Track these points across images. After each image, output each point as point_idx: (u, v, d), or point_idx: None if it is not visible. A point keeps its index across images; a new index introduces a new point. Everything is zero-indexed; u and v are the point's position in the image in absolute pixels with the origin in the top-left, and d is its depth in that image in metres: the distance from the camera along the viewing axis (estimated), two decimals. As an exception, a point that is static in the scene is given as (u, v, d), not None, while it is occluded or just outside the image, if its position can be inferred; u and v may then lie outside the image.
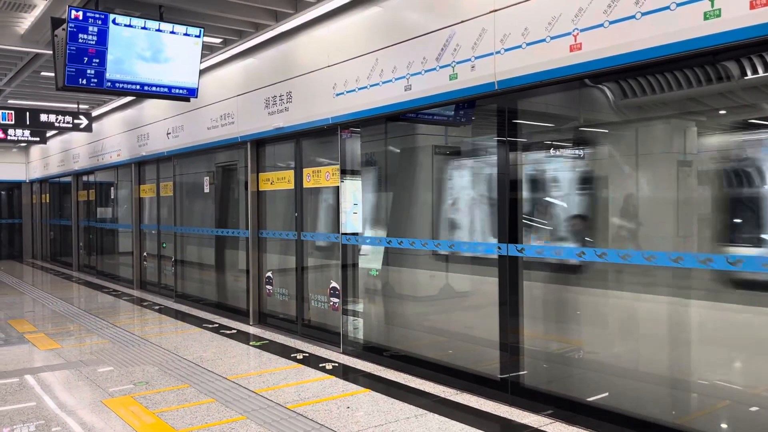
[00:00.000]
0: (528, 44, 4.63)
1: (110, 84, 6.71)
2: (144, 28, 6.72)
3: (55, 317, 9.51)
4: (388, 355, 6.29)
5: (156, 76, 7.03)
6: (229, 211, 9.68)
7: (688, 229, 4.34)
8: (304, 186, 7.66)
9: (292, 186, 7.86)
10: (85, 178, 16.05)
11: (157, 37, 6.84)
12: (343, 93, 6.57)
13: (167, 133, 10.81)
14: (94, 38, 6.42)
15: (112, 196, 14.34)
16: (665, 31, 3.81)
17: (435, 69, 5.44)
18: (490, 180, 5.49)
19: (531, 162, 5.18)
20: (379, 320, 6.77)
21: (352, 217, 6.85)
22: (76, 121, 12.57)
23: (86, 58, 6.45)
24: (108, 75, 6.65)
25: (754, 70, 3.74)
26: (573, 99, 4.91)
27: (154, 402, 5.17)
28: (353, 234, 6.80)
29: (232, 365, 6.35)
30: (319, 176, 7.33)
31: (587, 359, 4.88)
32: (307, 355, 6.75)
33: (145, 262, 12.55)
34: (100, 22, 6.40)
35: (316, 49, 7.04)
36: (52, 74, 7.42)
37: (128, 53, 6.72)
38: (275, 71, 7.79)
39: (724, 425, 4.12)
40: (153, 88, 7.07)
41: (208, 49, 8.53)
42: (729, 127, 4.28)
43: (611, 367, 4.71)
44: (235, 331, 8.15)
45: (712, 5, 3.58)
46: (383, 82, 6.01)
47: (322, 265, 7.60)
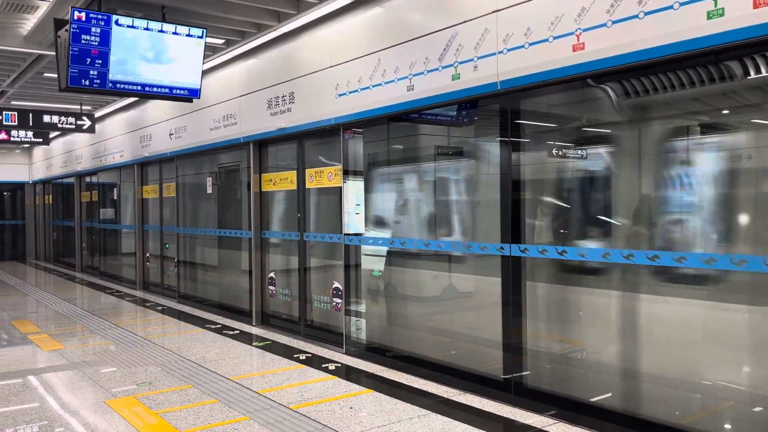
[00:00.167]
0: (531, 44, 4.63)
1: (113, 85, 6.72)
2: (147, 29, 6.72)
3: (58, 318, 9.53)
4: (391, 356, 6.29)
5: (158, 77, 7.04)
6: (231, 211, 9.69)
7: (693, 230, 4.33)
8: (306, 186, 7.66)
9: (294, 187, 7.87)
10: (88, 179, 16.09)
11: (160, 38, 6.85)
12: (345, 93, 6.57)
13: (170, 134, 10.82)
14: (97, 39, 6.43)
15: (115, 197, 14.36)
16: (668, 31, 3.80)
17: (437, 69, 5.44)
18: (493, 180, 5.48)
19: (534, 162, 5.17)
20: (381, 320, 6.77)
21: (354, 218, 6.86)
22: (79, 122, 12.58)
23: (89, 59, 6.46)
24: (111, 76, 6.66)
25: (758, 70, 3.73)
26: (576, 99, 4.90)
27: (157, 402, 5.18)
28: (356, 234, 6.80)
29: (235, 366, 6.35)
30: (322, 177, 7.33)
31: (590, 359, 4.87)
32: (309, 355, 6.75)
33: (148, 263, 12.57)
34: (102, 23, 6.41)
35: (318, 49, 7.04)
36: (55, 75, 7.43)
37: (131, 54, 6.73)
38: (278, 72, 7.79)
39: (728, 426, 4.11)
40: (156, 89, 7.08)
41: (211, 50, 8.54)
42: (733, 126, 4.27)
43: (614, 367, 4.70)
44: (238, 331, 8.15)
45: (716, 5, 3.57)
46: (386, 83, 6.01)
47: (324, 265, 7.60)
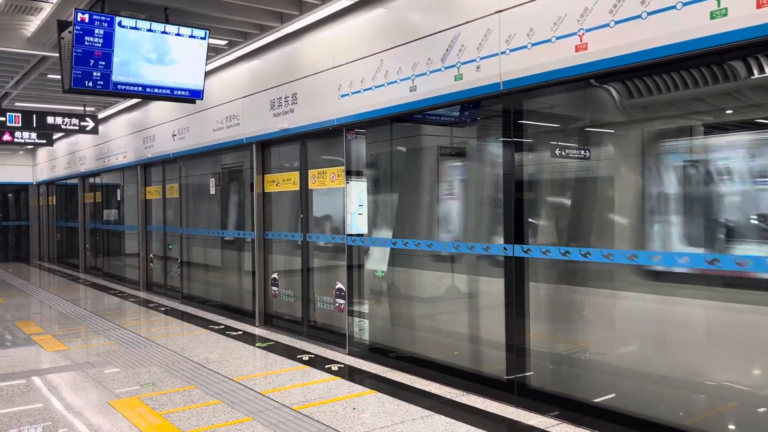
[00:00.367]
0: (533, 44, 4.62)
1: (116, 86, 6.73)
2: (150, 31, 6.74)
3: (62, 319, 9.55)
4: (394, 357, 6.28)
5: (162, 78, 7.05)
6: (234, 212, 9.70)
7: (696, 228, 4.32)
8: (309, 187, 7.67)
9: (297, 187, 7.87)
10: (91, 180, 16.12)
11: (163, 40, 6.86)
12: (348, 94, 6.57)
13: (173, 135, 10.84)
14: (100, 41, 6.44)
15: (119, 198, 14.39)
16: (671, 31, 3.79)
17: (440, 70, 5.44)
18: (496, 181, 5.48)
19: (536, 162, 5.16)
20: (384, 321, 6.76)
21: (357, 218, 6.86)
22: (82, 123, 12.61)
23: (92, 61, 6.47)
24: (114, 77, 6.68)
25: (761, 70, 3.72)
26: (578, 99, 4.90)
27: (160, 403, 5.18)
28: (359, 235, 6.80)
29: (238, 366, 6.36)
30: (325, 177, 7.34)
31: (594, 360, 4.87)
32: (312, 356, 6.76)
33: (151, 264, 12.59)
34: (106, 24, 6.43)
35: (321, 50, 7.05)
36: (59, 77, 7.45)
37: (134, 55, 6.75)
38: (280, 73, 7.80)
39: (732, 426, 4.10)
40: (159, 91, 7.09)
41: (214, 51, 8.55)
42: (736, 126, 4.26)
43: (617, 367, 4.69)
44: (241, 332, 8.16)
45: (719, 4, 3.56)
46: (388, 83, 6.01)
47: (327, 266, 7.60)
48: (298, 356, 6.76)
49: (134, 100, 12.05)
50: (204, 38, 7.09)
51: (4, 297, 11.99)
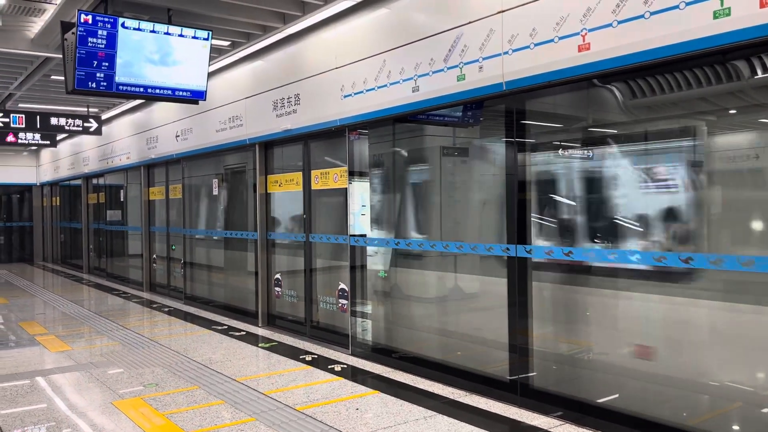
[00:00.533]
0: (536, 45, 4.62)
1: (120, 87, 6.75)
2: (153, 32, 6.75)
3: (65, 319, 9.57)
4: (397, 357, 6.28)
5: (165, 79, 7.06)
6: (237, 213, 9.71)
7: (699, 228, 4.31)
8: (312, 188, 7.67)
9: (300, 188, 7.88)
10: (95, 181, 16.16)
11: (166, 41, 6.88)
12: (350, 95, 6.58)
13: (176, 136, 10.86)
14: (104, 42, 6.46)
15: (122, 199, 14.42)
16: (674, 31, 3.79)
17: (443, 70, 5.44)
18: (499, 181, 5.48)
19: (539, 163, 5.16)
20: (387, 321, 6.76)
21: (360, 219, 6.86)
22: (86, 124, 12.65)
23: (96, 62, 6.49)
24: (117, 78, 6.70)
25: (765, 69, 3.71)
26: (581, 99, 4.89)
27: (163, 403, 5.19)
28: (361, 236, 6.80)
29: (241, 367, 6.36)
30: (328, 178, 7.34)
31: (597, 360, 4.86)
32: (315, 356, 6.76)
33: (154, 265, 12.61)
34: (109, 25, 6.44)
35: (323, 51, 7.05)
36: (62, 78, 7.46)
37: (137, 56, 6.76)
38: (283, 73, 7.81)
39: (736, 427, 4.09)
40: (162, 92, 7.11)
41: (216, 52, 8.57)
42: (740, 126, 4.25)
43: (621, 368, 4.68)
44: (244, 332, 8.17)
45: (722, 4, 3.56)
46: (391, 84, 6.02)
47: (330, 266, 7.61)
48: (301, 357, 6.77)
49: (137, 101, 12.07)
50: (207, 39, 7.10)
51: (8, 298, 12.02)
